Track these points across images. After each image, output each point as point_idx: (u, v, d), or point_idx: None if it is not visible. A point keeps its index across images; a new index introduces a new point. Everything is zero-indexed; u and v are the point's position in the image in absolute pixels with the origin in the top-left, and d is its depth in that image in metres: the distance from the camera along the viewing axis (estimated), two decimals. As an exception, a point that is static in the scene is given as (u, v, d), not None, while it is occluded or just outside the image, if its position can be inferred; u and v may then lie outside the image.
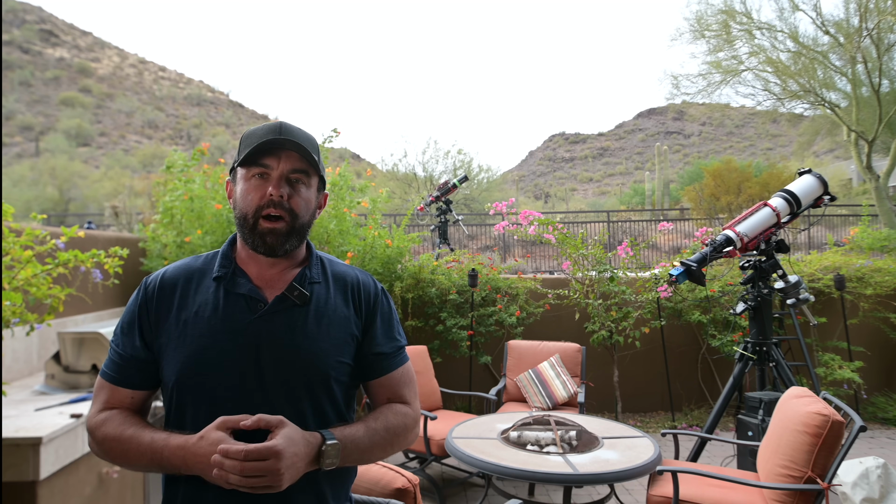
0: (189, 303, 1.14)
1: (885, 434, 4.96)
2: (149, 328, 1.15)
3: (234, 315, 1.12)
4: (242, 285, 1.15)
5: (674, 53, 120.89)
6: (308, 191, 1.17)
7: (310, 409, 1.13)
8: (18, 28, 66.07)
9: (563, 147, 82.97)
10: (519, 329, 5.15)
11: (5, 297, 2.23)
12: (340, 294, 1.22)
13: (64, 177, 36.57)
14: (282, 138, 1.11)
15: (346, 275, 1.26)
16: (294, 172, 1.14)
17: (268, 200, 1.11)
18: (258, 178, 1.13)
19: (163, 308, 1.15)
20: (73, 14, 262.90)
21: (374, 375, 1.24)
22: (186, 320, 1.13)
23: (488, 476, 3.50)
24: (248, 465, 0.95)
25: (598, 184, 67.69)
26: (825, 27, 10.62)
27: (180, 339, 1.11)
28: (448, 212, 6.94)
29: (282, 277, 1.18)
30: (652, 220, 14.66)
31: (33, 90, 59.35)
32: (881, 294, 5.33)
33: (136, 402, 1.17)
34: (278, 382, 1.11)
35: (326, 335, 1.16)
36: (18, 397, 2.72)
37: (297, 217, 1.14)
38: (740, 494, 2.56)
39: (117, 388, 1.15)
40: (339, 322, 1.19)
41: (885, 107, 10.13)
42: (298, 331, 1.14)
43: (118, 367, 1.16)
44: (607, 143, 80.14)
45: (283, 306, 1.14)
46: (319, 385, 1.14)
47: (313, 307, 1.17)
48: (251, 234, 1.13)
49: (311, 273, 1.20)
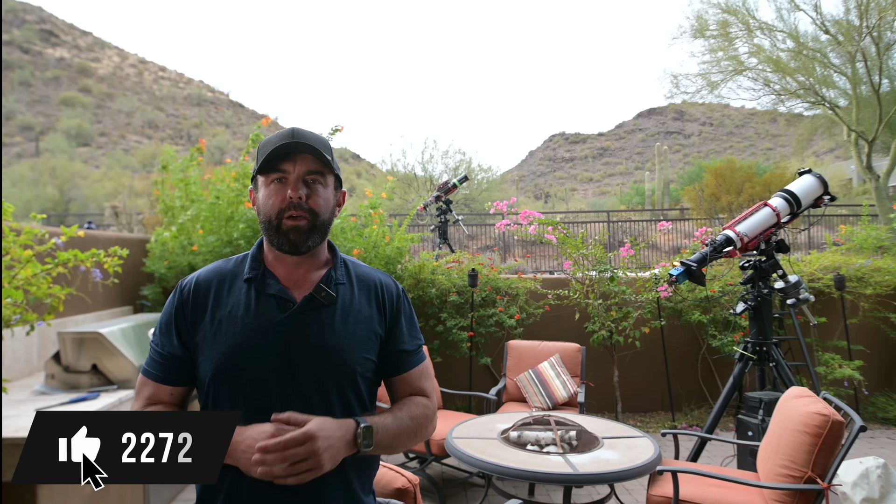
0: (223, 303, 1.22)
1: (885, 434, 4.96)
2: (185, 328, 1.22)
3: (266, 314, 1.20)
4: (272, 286, 1.22)
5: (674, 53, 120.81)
6: (325, 190, 1.23)
7: (337, 403, 1.20)
8: (18, 28, 66.06)
9: (563, 147, 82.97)
10: (519, 329, 5.15)
11: (6, 293, 2.23)
12: (364, 295, 1.29)
13: (64, 177, 36.56)
14: (295, 142, 1.17)
15: (369, 276, 1.34)
16: (310, 174, 1.20)
17: (288, 203, 1.18)
18: (277, 183, 1.20)
19: (198, 309, 1.22)
20: (73, 14, 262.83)
21: (399, 371, 1.32)
22: (221, 320, 1.20)
23: (488, 476, 3.50)
24: (287, 453, 1.01)
25: (598, 184, 67.70)
26: (825, 26, 10.62)
27: (215, 337, 1.19)
28: (448, 212, 6.94)
29: (308, 278, 1.26)
30: (652, 220, 14.66)
31: (33, 90, 59.34)
32: (881, 294, 5.33)
33: (175, 397, 1.24)
34: (308, 378, 1.18)
35: (352, 333, 1.23)
36: (18, 397, 2.72)
37: (318, 215, 1.21)
38: (740, 494, 2.56)
39: (159, 385, 1.23)
40: (364, 321, 1.26)
41: (885, 106, 10.13)
42: (326, 329, 1.21)
43: (159, 365, 1.23)
44: (607, 143, 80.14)
45: (310, 306, 1.21)
46: (346, 380, 1.21)
47: (339, 307, 1.24)
48: (276, 234, 1.20)
49: (336, 275, 1.27)
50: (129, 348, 3.10)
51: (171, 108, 69.39)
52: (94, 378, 2.96)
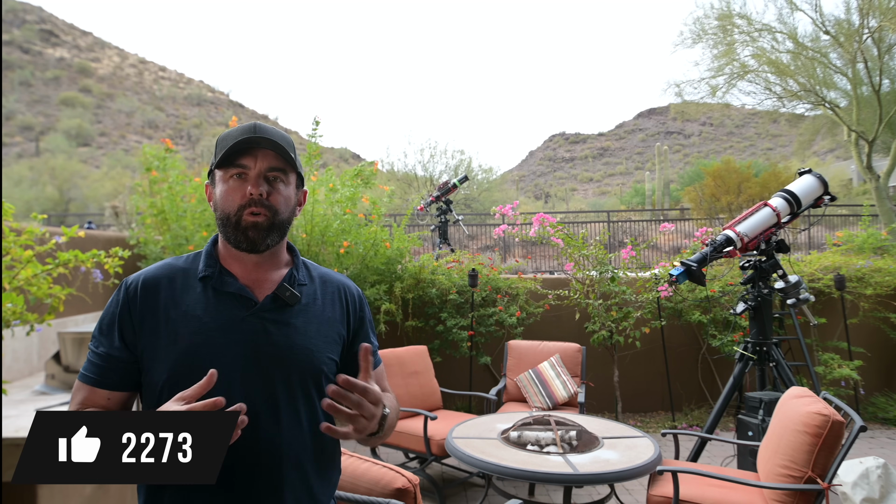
0: (177, 302, 1.15)
1: (885, 434, 4.96)
2: (130, 328, 1.14)
3: (226, 313, 1.14)
4: (230, 284, 1.17)
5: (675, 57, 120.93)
6: (287, 188, 1.19)
7: (303, 403, 1.17)
8: (18, 28, 66.06)
9: (563, 147, 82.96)
10: (519, 329, 5.15)
11: (5, 298, 2.23)
12: (329, 297, 1.27)
13: (64, 177, 36.56)
14: (257, 137, 1.13)
15: (332, 279, 1.32)
16: (271, 171, 1.16)
17: (248, 199, 1.13)
18: (237, 179, 1.15)
19: (147, 308, 1.15)
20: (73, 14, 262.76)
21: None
22: (175, 319, 1.13)
23: (488, 476, 3.50)
24: (365, 403, 1.02)
25: (598, 184, 67.68)
26: (825, 27, 10.62)
27: (170, 337, 1.12)
28: (448, 212, 6.94)
29: (268, 278, 1.21)
30: (652, 220, 14.67)
31: (33, 90, 59.34)
32: (881, 294, 5.33)
33: (112, 403, 1.16)
34: (274, 377, 1.14)
35: (317, 333, 1.21)
36: (18, 397, 2.72)
37: (278, 213, 1.16)
38: (740, 494, 2.56)
39: (94, 389, 1.15)
40: (328, 322, 1.24)
41: (886, 107, 10.13)
42: (291, 329, 1.17)
43: (96, 367, 1.15)
44: (607, 143, 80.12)
45: (274, 305, 1.17)
46: (311, 380, 1.18)
47: (303, 307, 1.21)
48: (234, 231, 1.15)
49: (298, 275, 1.24)
50: (129, 348, 3.09)
51: (171, 108, 69.40)
52: (94, 378, 2.96)
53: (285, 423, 1.14)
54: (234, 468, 1.08)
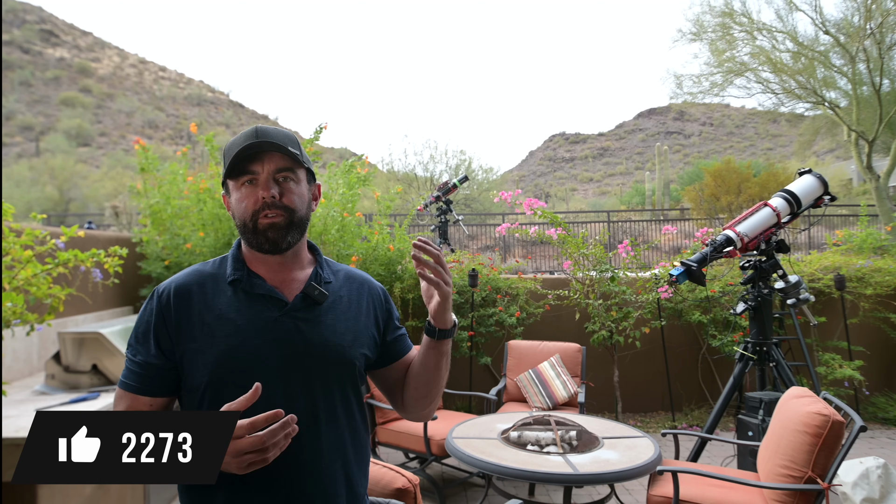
0: (210, 306, 1.18)
1: (885, 434, 4.96)
2: (166, 336, 1.17)
3: (259, 315, 1.18)
4: (260, 286, 1.20)
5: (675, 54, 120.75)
6: (298, 186, 1.21)
7: (338, 398, 1.21)
8: (18, 28, 66.04)
9: (563, 147, 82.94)
10: (519, 329, 5.15)
11: (6, 298, 2.23)
12: (354, 293, 1.31)
13: (64, 177, 36.56)
14: (259, 141, 1.15)
15: (356, 275, 1.36)
16: (280, 172, 1.18)
17: (262, 203, 1.16)
18: (248, 185, 1.18)
19: (182, 315, 1.17)
20: (73, 14, 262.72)
21: (402, 353, 1.38)
22: (211, 323, 1.16)
23: (488, 476, 3.50)
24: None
25: (598, 184, 67.68)
26: (825, 27, 10.62)
27: (208, 341, 1.15)
28: (448, 212, 6.94)
29: (294, 278, 1.25)
30: (652, 220, 14.67)
31: (33, 90, 59.32)
32: (881, 294, 5.33)
33: (154, 410, 1.19)
34: (310, 374, 1.18)
35: (347, 329, 1.25)
36: (18, 397, 2.72)
37: (294, 211, 1.19)
38: (740, 494, 2.56)
39: (136, 397, 1.17)
40: (356, 317, 1.28)
41: (886, 107, 10.13)
42: (323, 326, 1.21)
43: (136, 375, 1.18)
44: (607, 143, 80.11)
45: (304, 304, 1.21)
46: (347, 374, 1.23)
47: (331, 304, 1.25)
48: (254, 235, 1.18)
49: (323, 273, 1.28)
50: (129, 348, 3.09)
51: (171, 108, 69.36)
52: (94, 378, 2.96)
53: (323, 418, 1.18)
54: (278, 465, 1.09)
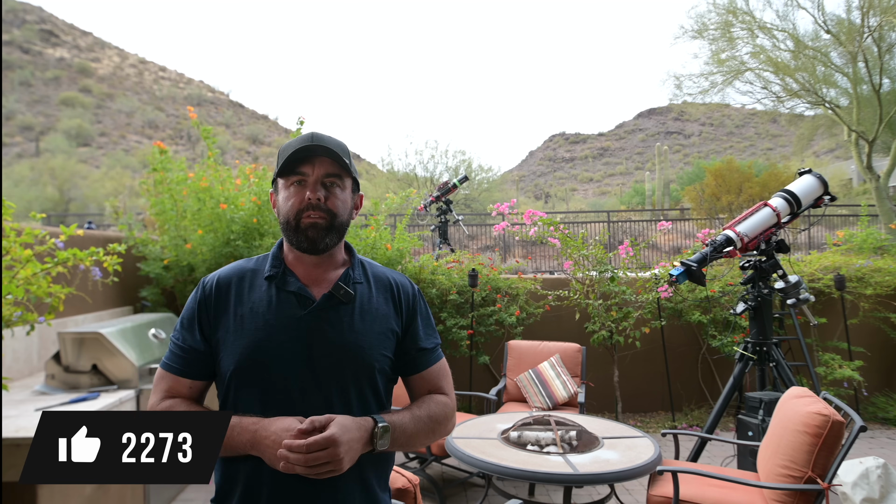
0: (245, 299, 1.26)
1: (885, 434, 4.96)
2: (207, 323, 1.26)
3: (286, 311, 1.24)
4: (292, 283, 1.26)
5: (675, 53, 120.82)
6: (343, 192, 1.28)
7: (355, 398, 1.24)
8: (18, 28, 66.02)
9: (563, 147, 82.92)
10: (519, 329, 5.14)
11: (6, 288, 2.23)
12: (382, 294, 1.34)
13: (64, 177, 36.53)
14: (314, 145, 1.22)
15: (385, 276, 1.39)
16: (328, 177, 1.25)
17: (307, 204, 1.23)
18: (297, 186, 1.25)
19: (221, 304, 1.26)
20: (73, 14, 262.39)
21: (417, 369, 1.36)
22: (243, 315, 1.24)
23: (488, 476, 3.50)
24: (310, 456, 1.05)
25: (598, 184, 67.65)
26: (826, 25, 10.62)
27: (238, 332, 1.22)
28: (448, 212, 6.94)
29: (326, 277, 1.30)
30: (652, 220, 14.66)
31: (33, 90, 59.29)
32: (881, 294, 5.32)
33: (193, 391, 1.27)
34: (328, 373, 1.22)
35: (370, 330, 1.27)
36: (18, 397, 2.72)
37: (336, 216, 1.25)
38: (740, 494, 2.56)
39: (178, 378, 1.25)
40: (381, 319, 1.30)
41: (886, 106, 10.13)
42: (345, 325, 1.25)
43: (179, 358, 1.26)
44: (607, 143, 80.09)
45: (330, 303, 1.25)
46: (364, 376, 1.25)
47: (357, 304, 1.28)
48: (295, 233, 1.24)
49: (354, 274, 1.32)
50: (129, 348, 3.09)
51: (171, 108, 69.34)
52: (94, 378, 2.96)
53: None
54: None
